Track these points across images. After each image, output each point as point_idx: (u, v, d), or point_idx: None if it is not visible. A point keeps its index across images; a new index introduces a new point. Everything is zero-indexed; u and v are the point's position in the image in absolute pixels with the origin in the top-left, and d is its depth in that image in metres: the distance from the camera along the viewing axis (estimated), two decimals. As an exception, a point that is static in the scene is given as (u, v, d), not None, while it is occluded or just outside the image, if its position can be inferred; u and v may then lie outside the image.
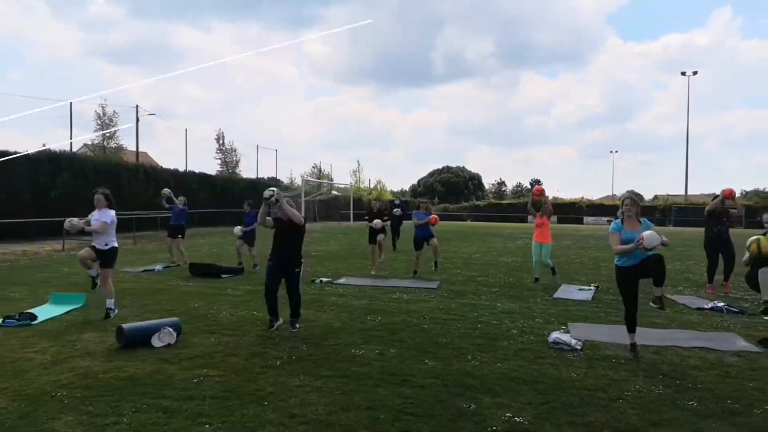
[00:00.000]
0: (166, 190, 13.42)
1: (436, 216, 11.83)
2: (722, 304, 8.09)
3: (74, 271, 11.01)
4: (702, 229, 10.28)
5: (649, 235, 5.22)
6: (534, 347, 5.86)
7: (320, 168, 54.27)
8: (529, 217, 11.09)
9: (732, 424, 3.91)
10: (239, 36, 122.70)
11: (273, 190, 6.49)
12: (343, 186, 49.58)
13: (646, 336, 6.13)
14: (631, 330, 5.67)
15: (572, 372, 5.02)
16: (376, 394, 4.40)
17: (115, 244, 7.27)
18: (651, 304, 5.71)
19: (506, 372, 4.99)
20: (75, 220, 7.26)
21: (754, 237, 5.42)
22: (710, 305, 8.15)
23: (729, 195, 9.48)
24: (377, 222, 12.32)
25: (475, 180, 79.44)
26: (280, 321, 6.60)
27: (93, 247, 7.17)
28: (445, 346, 5.84)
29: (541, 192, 10.94)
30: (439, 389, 4.52)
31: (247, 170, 49.14)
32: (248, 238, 12.17)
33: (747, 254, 5.51)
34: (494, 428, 3.77)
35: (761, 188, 56.04)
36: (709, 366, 5.29)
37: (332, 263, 13.66)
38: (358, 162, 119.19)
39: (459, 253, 16.77)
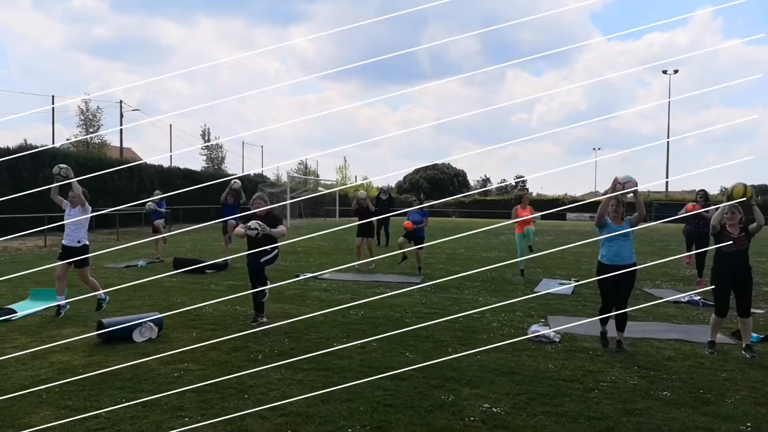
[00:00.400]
0: (151, 205, 13.17)
1: (410, 223, 11.19)
2: (698, 297, 8.25)
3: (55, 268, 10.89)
4: (682, 225, 10.82)
5: (624, 175, 5.53)
6: (513, 339, 5.94)
7: (306, 164, 54.15)
8: (513, 214, 11.15)
9: (703, 413, 4.01)
10: (223, 31, 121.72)
11: (257, 227, 6.31)
12: (329, 182, 49.53)
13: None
14: (603, 322, 5.81)
15: (550, 363, 5.11)
16: (356, 386, 4.44)
17: (86, 242, 7.22)
18: (612, 347, 5.73)
19: (485, 364, 5.06)
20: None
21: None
22: (687, 299, 8.31)
23: (691, 211, 9.93)
24: (361, 193, 12.46)
25: (460, 177, 79.73)
26: (264, 318, 6.63)
27: (63, 247, 7.09)
28: (426, 339, 5.90)
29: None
30: (418, 381, 4.57)
31: (233, 167, 48.90)
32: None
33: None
34: (471, 418, 3.83)
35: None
36: (683, 357, 5.40)
37: (317, 258, 13.68)
38: (344, 158, 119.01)
39: (443, 249, 16.86)
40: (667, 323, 6.87)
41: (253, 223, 6.38)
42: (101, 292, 7.11)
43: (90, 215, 7.21)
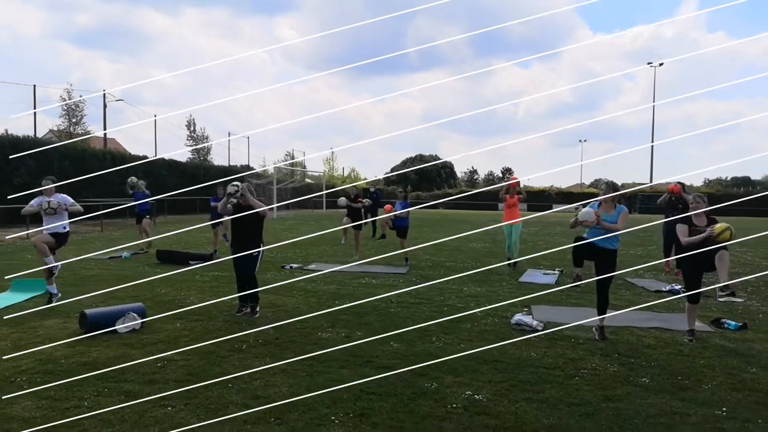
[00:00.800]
0: (133, 179, 13.24)
1: (390, 206, 11.73)
2: (679, 286, 8.37)
3: (37, 258, 10.78)
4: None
5: (584, 212, 5.58)
6: (497, 329, 6.00)
7: (293, 155, 53.93)
8: (500, 205, 11.22)
9: (681, 398, 4.08)
10: (208, 20, 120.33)
11: (237, 186, 6.46)
12: (316, 174, 49.38)
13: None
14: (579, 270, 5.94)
15: (532, 351, 5.17)
16: (340, 375, 4.47)
17: (68, 228, 7.41)
18: (594, 331, 5.83)
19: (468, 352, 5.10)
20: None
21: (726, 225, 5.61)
22: (668, 288, 8.43)
23: (673, 191, 9.96)
24: (341, 200, 12.31)
25: (448, 169, 79.87)
26: (248, 309, 6.62)
27: (51, 233, 7.17)
28: (411, 329, 5.92)
29: (520, 185, 11.17)
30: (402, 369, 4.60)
31: (218, 157, 48.55)
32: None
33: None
34: (453, 405, 3.87)
35: (723, 177, 57.67)
36: (663, 345, 5.49)
37: (303, 249, 13.66)
38: (331, 150, 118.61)
39: (429, 240, 16.91)
40: (648, 312, 6.97)
41: (231, 187, 6.43)
42: (50, 257, 7.16)
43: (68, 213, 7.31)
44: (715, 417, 3.75)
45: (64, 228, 7.28)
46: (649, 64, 54.60)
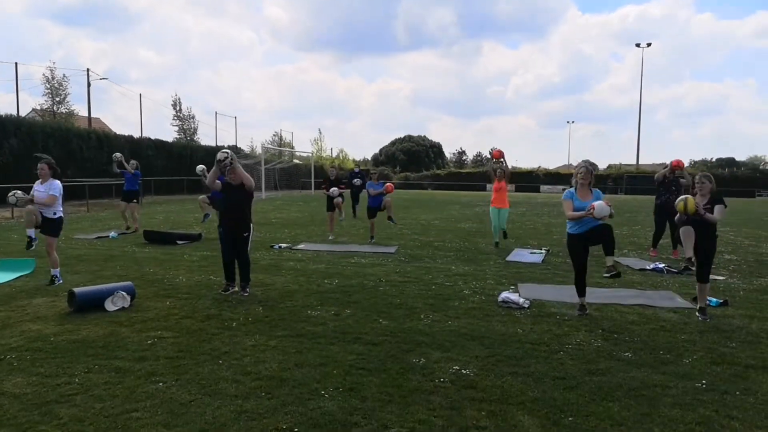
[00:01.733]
0: (118, 155, 13.12)
1: (391, 184, 11.79)
2: (663, 265, 8.51)
3: (24, 238, 10.69)
4: (651, 197, 10.69)
5: (600, 205, 5.46)
6: (484, 306, 6.08)
7: (281, 136, 53.57)
8: (488, 186, 11.26)
9: (662, 372, 4.19)
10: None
11: (227, 152, 6.39)
12: (304, 154, 49.12)
13: (589, 294, 6.42)
14: (581, 293, 5.90)
15: (518, 328, 5.26)
16: (329, 351, 4.52)
17: (62, 214, 7.11)
18: (604, 275, 5.84)
19: (456, 329, 5.18)
20: (19, 193, 7.02)
21: (682, 197, 5.74)
22: (652, 266, 8.57)
23: (677, 165, 9.86)
24: (334, 190, 12.34)
25: (436, 149, 79.78)
26: (236, 288, 6.64)
27: (42, 214, 7.00)
28: (399, 307, 6.00)
29: (500, 155, 11.09)
30: (390, 346, 4.67)
31: (205, 138, 48.09)
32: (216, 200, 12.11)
33: (678, 214, 5.83)
34: (441, 380, 3.95)
35: (708, 158, 58.20)
36: (645, 321, 5.61)
37: (292, 230, 13.67)
38: (319, 131, 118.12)
39: (418, 220, 16.98)
40: (632, 290, 7.10)
41: (221, 153, 6.32)
42: (57, 270, 7.00)
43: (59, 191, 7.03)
44: (694, 389, 3.86)
45: (54, 214, 6.97)
46: (637, 45, 54.63)
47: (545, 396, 3.71)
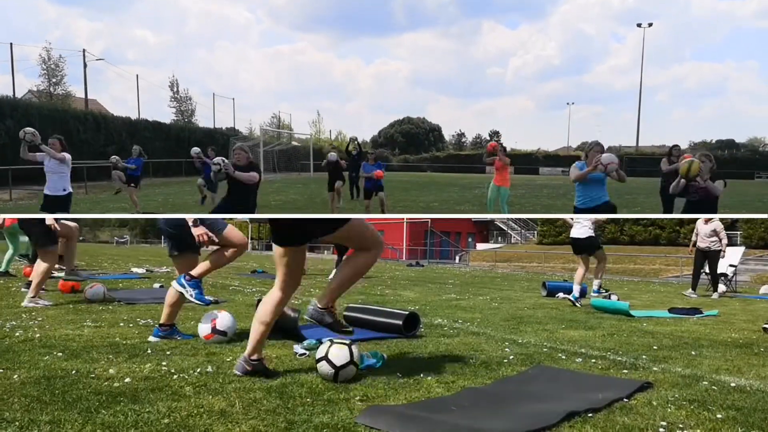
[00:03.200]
0: (114, 157, 12.78)
1: (380, 171, 11.50)
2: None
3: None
4: (651, 179, 10.66)
5: (608, 155, 5.50)
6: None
7: (280, 118, 53.34)
8: (488, 168, 11.23)
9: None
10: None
11: (219, 164, 5.83)
12: (303, 137, 48.92)
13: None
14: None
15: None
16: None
17: (71, 189, 6.91)
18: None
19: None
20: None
21: (688, 159, 5.66)
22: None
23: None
24: (332, 155, 12.69)
25: (435, 131, 79.46)
26: None
27: (45, 197, 6.81)
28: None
29: (495, 148, 10.96)
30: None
31: (204, 119, 47.91)
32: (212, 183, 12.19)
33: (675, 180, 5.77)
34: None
35: (708, 140, 58.11)
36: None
37: (291, 212, 13.67)
38: (318, 112, 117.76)
39: (417, 203, 16.97)
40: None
41: (218, 159, 6.01)
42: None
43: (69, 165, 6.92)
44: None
45: (64, 190, 6.74)
46: (638, 25, 54.22)
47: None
